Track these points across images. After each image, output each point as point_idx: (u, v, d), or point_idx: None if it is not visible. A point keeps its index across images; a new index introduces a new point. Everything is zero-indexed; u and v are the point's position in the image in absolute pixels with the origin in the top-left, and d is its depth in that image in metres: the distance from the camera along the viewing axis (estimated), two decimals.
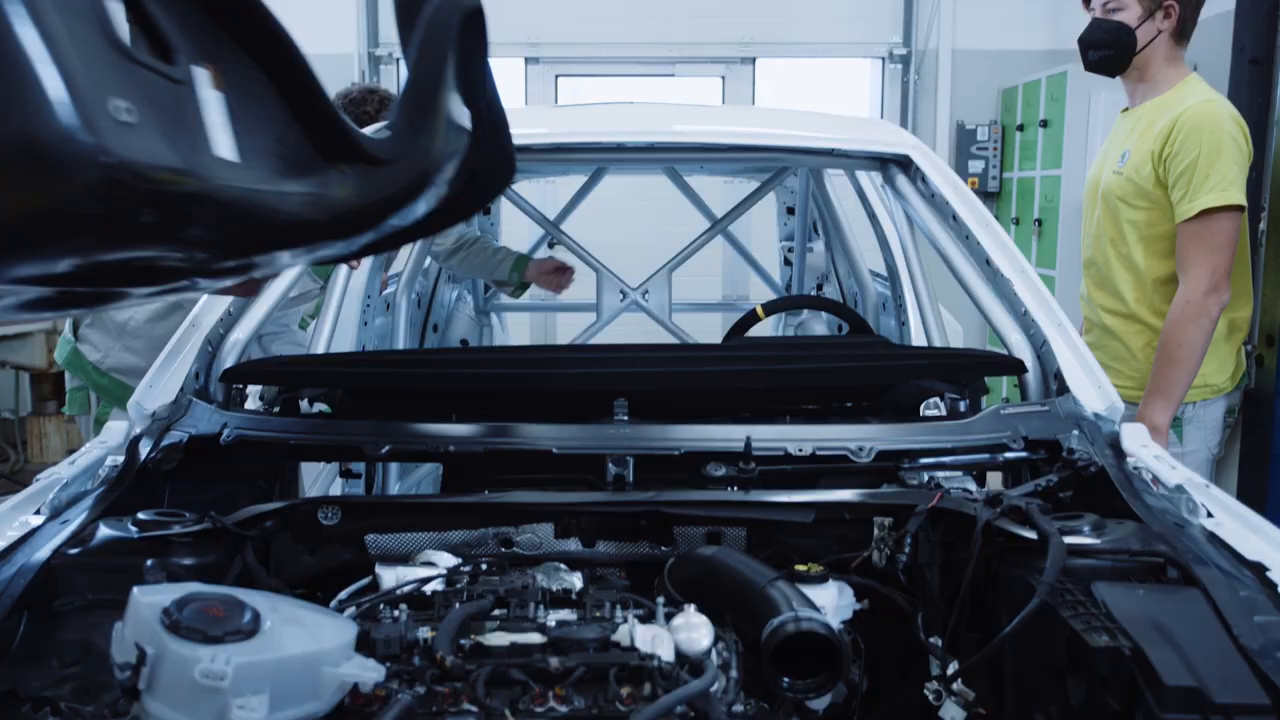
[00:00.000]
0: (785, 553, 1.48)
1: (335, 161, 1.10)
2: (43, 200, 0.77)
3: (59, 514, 1.43)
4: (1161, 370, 2.45)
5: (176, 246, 0.94)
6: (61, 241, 0.83)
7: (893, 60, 6.31)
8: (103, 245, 0.86)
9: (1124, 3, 2.59)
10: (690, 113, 2.87)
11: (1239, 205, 2.42)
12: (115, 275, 0.97)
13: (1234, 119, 2.47)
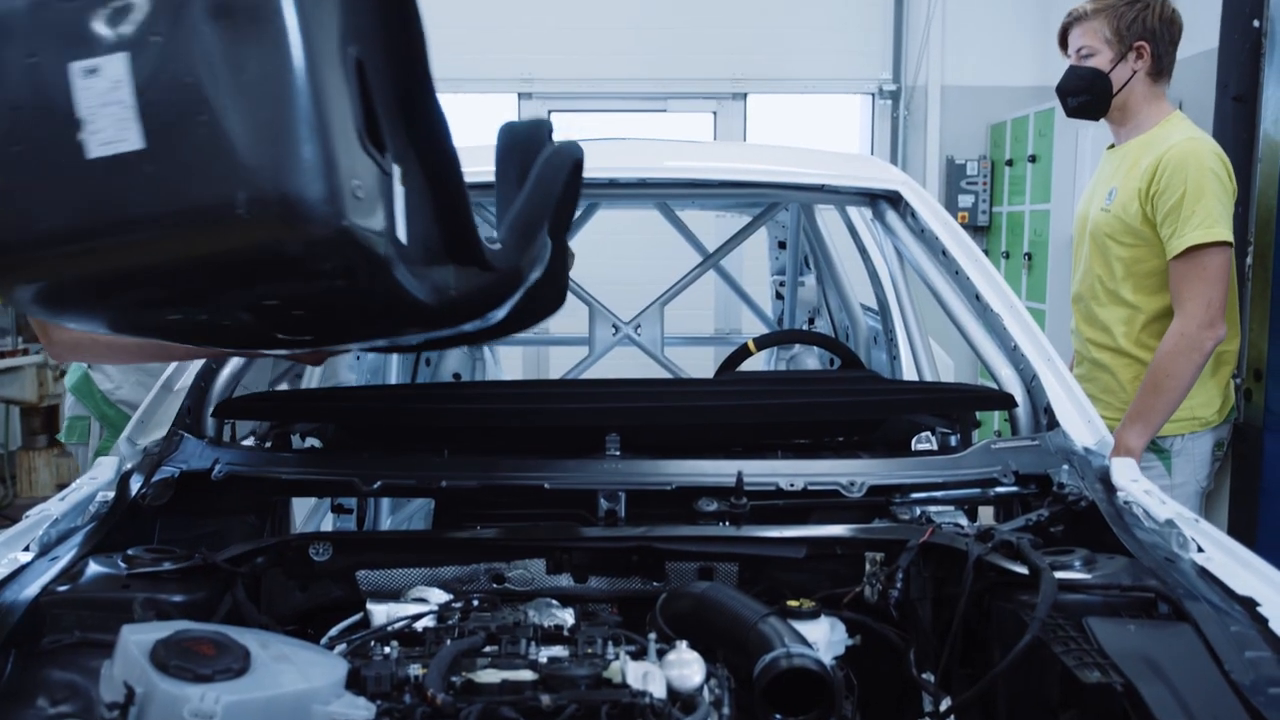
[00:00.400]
0: (777, 588, 1.48)
1: (457, 261, 1.32)
2: (284, 242, 1.01)
3: (48, 551, 1.42)
4: (1145, 397, 2.46)
5: (346, 302, 1.21)
6: (278, 278, 1.10)
7: (882, 96, 6.38)
8: (306, 289, 1.14)
9: (1096, 48, 2.62)
10: (682, 149, 2.90)
11: (1226, 241, 2.44)
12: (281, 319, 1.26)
13: (1217, 156, 2.50)
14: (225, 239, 1.01)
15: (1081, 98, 2.68)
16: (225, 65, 0.98)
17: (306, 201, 0.98)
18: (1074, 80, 2.68)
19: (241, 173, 0.98)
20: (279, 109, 0.98)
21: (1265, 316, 3.00)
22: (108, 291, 1.13)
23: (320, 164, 0.99)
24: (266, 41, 0.97)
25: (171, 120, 0.98)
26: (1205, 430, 2.62)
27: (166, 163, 0.99)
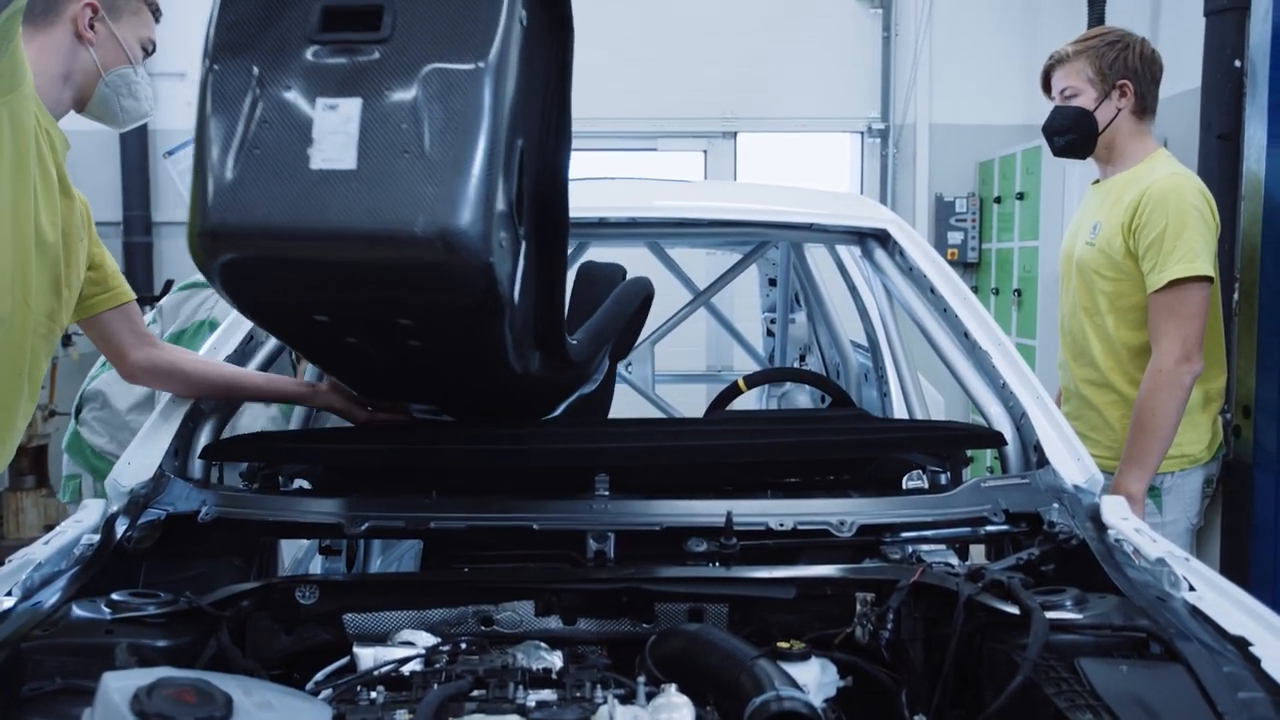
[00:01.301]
0: (767, 629, 1.47)
1: (544, 349, 1.60)
2: (441, 264, 1.30)
3: (31, 595, 1.40)
4: (1135, 439, 2.47)
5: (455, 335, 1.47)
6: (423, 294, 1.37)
7: (871, 134, 6.44)
8: (436, 312, 1.41)
9: (1079, 88, 2.65)
10: (672, 188, 2.91)
11: (1207, 276, 2.46)
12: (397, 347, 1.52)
13: (1200, 192, 2.53)
14: (398, 252, 1.30)
15: (1068, 136, 2.70)
16: (431, 121, 1.31)
17: (468, 235, 1.29)
18: (1060, 120, 2.70)
19: (424, 202, 1.29)
20: (462, 163, 1.30)
21: (1252, 353, 3.00)
22: (284, 280, 1.40)
23: (482, 212, 1.30)
24: (467, 112, 1.31)
25: (380, 153, 1.31)
26: (1195, 467, 2.62)
27: (368, 183, 1.30)
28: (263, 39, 1.37)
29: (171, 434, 1.85)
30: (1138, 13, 5.45)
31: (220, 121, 1.35)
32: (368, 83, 1.34)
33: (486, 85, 1.33)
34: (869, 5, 6.32)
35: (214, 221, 1.34)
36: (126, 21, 1.90)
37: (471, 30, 1.35)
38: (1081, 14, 5.63)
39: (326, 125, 1.32)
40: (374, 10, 1.37)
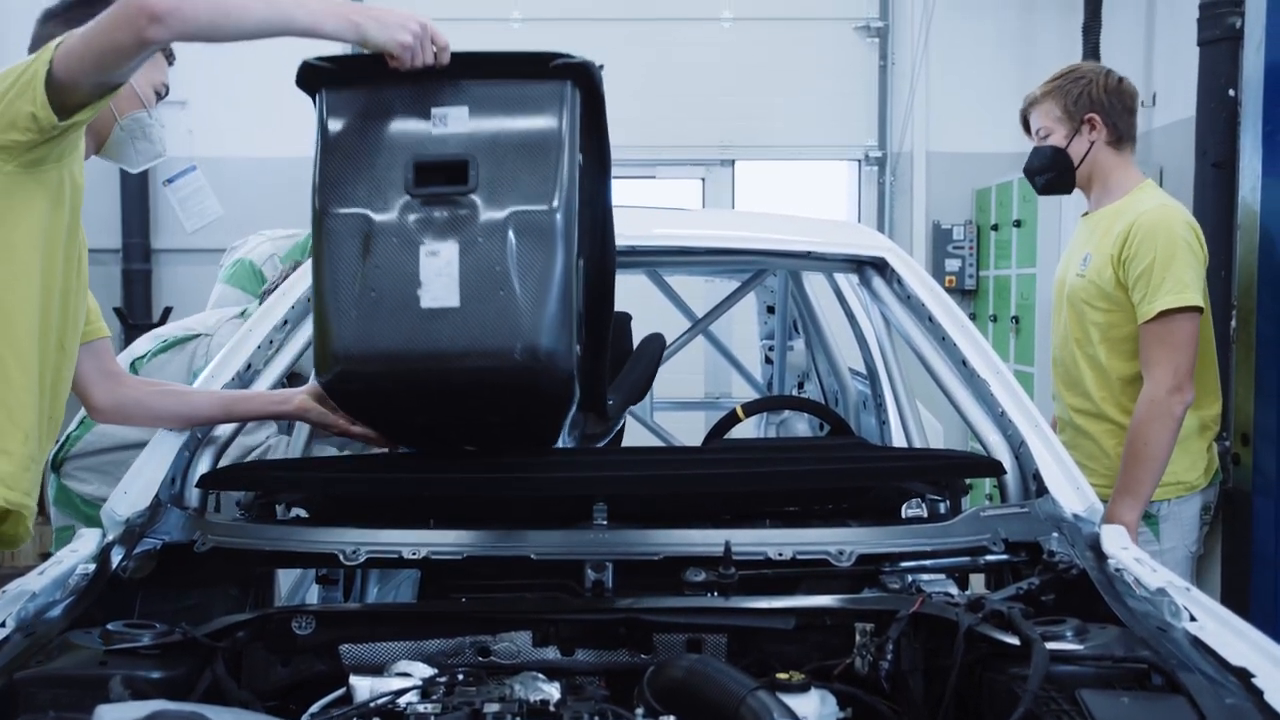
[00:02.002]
0: (766, 660, 1.47)
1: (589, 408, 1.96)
2: (535, 379, 1.58)
3: (25, 626, 1.39)
4: (1129, 469, 2.48)
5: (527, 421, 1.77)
6: (513, 399, 1.64)
7: (869, 162, 6.47)
8: (519, 410, 1.69)
9: (1051, 127, 2.72)
10: (671, 217, 2.92)
11: (1196, 306, 2.48)
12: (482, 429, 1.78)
13: (1188, 224, 2.56)
14: (498, 373, 1.57)
15: (1046, 175, 2.77)
16: (519, 262, 1.57)
17: (556, 355, 1.57)
18: (1037, 160, 2.78)
19: (520, 331, 1.56)
20: (546, 294, 1.57)
21: (1250, 381, 3.01)
22: (398, 397, 1.66)
23: (565, 332, 1.59)
24: (546, 252, 1.58)
25: (479, 291, 1.56)
26: (1192, 494, 2.63)
27: (471, 317, 1.56)
28: (366, 191, 1.61)
29: (168, 463, 1.84)
30: (1132, 43, 5.50)
31: (338, 267, 1.60)
32: (461, 230, 1.58)
33: (558, 223, 1.58)
34: (865, 34, 6.37)
35: (341, 353, 1.59)
36: (141, 68, 1.94)
37: (542, 175, 1.60)
38: (1076, 43, 5.68)
39: (431, 269, 1.58)
40: (460, 164, 1.60)
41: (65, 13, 1.93)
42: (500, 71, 1.68)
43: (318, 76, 1.69)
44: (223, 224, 5.83)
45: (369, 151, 1.64)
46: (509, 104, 1.65)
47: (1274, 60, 3.07)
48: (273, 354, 2.12)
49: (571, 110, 1.66)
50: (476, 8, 6.21)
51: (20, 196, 1.70)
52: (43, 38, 1.89)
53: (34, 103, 1.61)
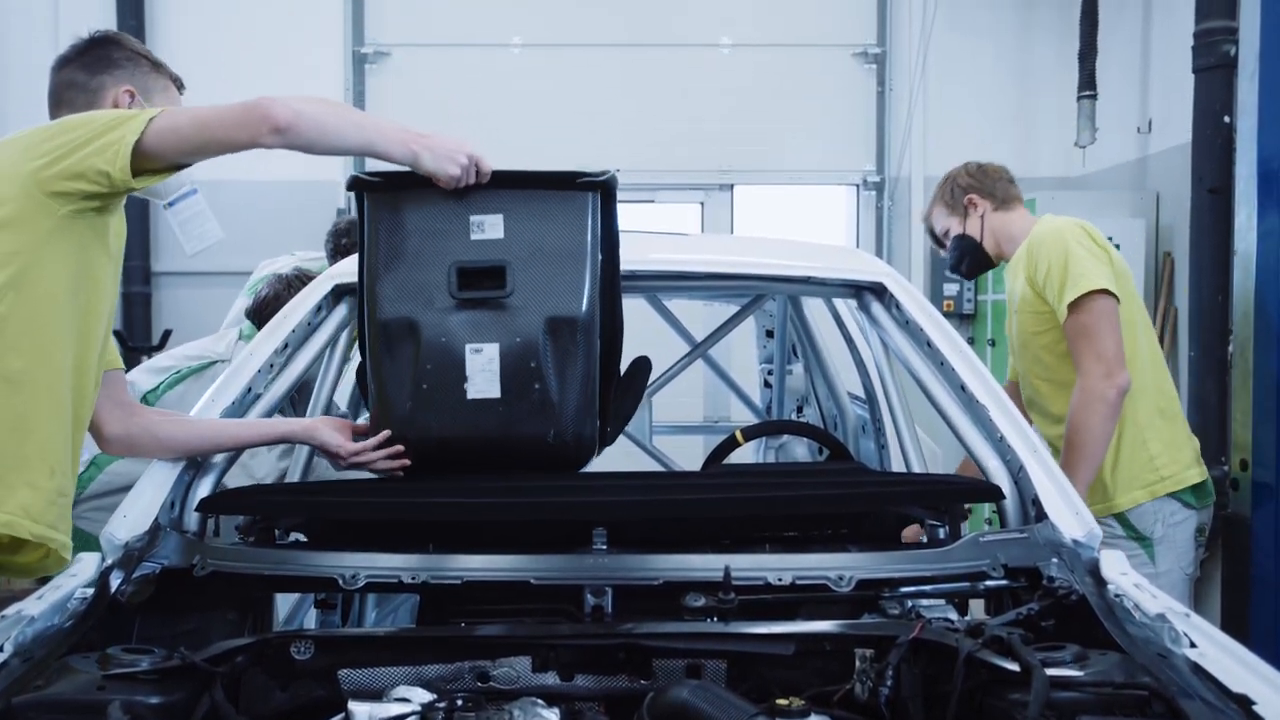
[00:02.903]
0: (766, 685, 1.46)
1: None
2: (568, 460, 1.94)
3: (23, 651, 1.39)
4: (1067, 457, 2.54)
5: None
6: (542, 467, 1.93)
7: (867, 187, 6.50)
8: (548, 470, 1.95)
9: (947, 224, 3.00)
10: (670, 242, 2.93)
11: (1102, 289, 2.56)
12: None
13: (1078, 227, 2.70)
14: (534, 452, 1.89)
15: (965, 262, 3.00)
16: (553, 358, 1.85)
17: (584, 436, 1.92)
18: (952, 254, 3.03)
19: (554, 419, 1.86)
20: (575, 386, 1.87)
21: (1248, 406, 3.02)
22: (444, 464, 1.94)
23: (591, 415, 1.92)
24: (575, 349, 1.86)
25: (518, 384, 1.84)
26: (1187, 516, 2.65)
27: (511, 407, 1.85)
28: (414, 294, 1.85)
29: (168, 487, 1.84)
30: (1128, 69, 5.55)
31: (394, 362, 1.87)
32: (501, 329, 1.83)
33: (585, 324, 1.85)
34: (863, 60, 6.42)
35: (397, 435, 1.89)
36: (157, 101, 2.03)
37: (571, 282, 1.86)
38: (1072, 71, 5.73)
39: (475, 365, 1.84)
40: (499, 270, 1.84)
41: (80, 57, 2.01)
42: (533, 184, 1.90)
43: (365, 185, 1.94)
44: (223, 247, 5.81)
45: (414, 255, 1.85)
46: (541, 213, 1.87)
47: (1268, 88, 3.10)
48: (273, 378, 2.13)
49: (594, 219, 1.89)
50: (478, 33, 6.27)
51: (71, 239, 1.76)
52: (63, 84, 2.00)
53: (113, 164, 1.68)
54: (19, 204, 1.72)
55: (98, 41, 2.05)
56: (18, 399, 1.74)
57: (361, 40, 6.31)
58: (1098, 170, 5.86)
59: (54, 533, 1.77)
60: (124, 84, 2.00)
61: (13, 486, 1.72)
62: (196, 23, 6.07)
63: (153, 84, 2.05)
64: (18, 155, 1.75)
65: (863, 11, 6.42)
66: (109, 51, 2.03)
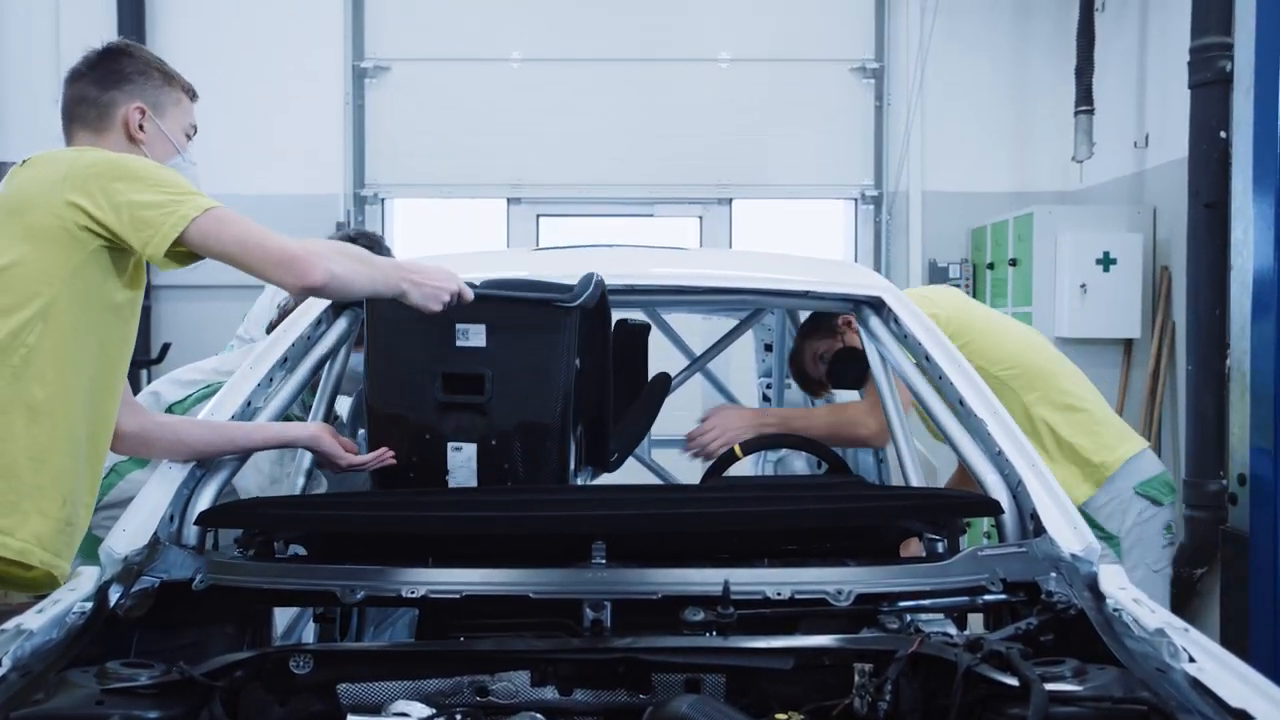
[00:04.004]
0: (765, 700, 1.46)
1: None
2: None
3: (21, 665, 1.39)
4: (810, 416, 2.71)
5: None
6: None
7: (865, 201, 6.51)
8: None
9: (821, 348, 2.94)
10: (669, 256, 2.94)
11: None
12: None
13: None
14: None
15: (852, 370, 2.88)
16: (524, 459, 2.02)
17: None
18: (834, 372, 2.96)
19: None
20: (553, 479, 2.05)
21: (1245, 421, 3.02)
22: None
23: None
24: (546, 449, 2.02)
25: (494, 479, 2.01)
26: (1154, 513, 2.71)
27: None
28: (406, 394, 2.03)
29: (167, 500, 1.84)
30: (1124, 84, 5.57)
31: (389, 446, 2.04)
32: (480, 430, 1.99)
33: (554, 431, 2.00)
34: (861, 75, 6.44)
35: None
36: (170, 114, 2.05)
37: (546, 392, 1.99)
38: (1069, 85, 5.75)
39: (456, 461, 2.01)
40: (478, 378, 1.99)
41: (91, 71, 2.02)
42: (515, 303, 2.02)
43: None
44: None
45: (406, 356, 2.03)
46: (521, 325, 2.01)
47: (1263, 104, 3.11)
48: (272, 392, 2.13)
49: (571, 333, 2.01)
50: (477, 48, 6.29)
51: (96, 270, 1.80)
52: (75, 99, 2.01)
53: (147, 243, 1.76)
54: (53, 234, 1.76)
55: (108, 53, 2.05)
56: (38, 428, 1.77)
57: (361, 54, 6.33)
58: (1095, 185, 5.88)
59: (59, 560, 1.80)
60: (135, 100, 2.00)
61: (27, 514, 1.76)
62: (196, 39, 6.09)
63: (164, 98, 2.04)
64: (57, 182, 1.78)
65: (861, 27, 6.45)
66: (120, 64, 2.03)
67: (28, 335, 1.76)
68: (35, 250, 1.76)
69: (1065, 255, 5.29)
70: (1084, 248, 5.21)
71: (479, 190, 6.44)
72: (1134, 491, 2.69)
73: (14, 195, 1.82)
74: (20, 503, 1.75)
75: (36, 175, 1.83)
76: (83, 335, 1.81)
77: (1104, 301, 5.19)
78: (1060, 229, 5.33)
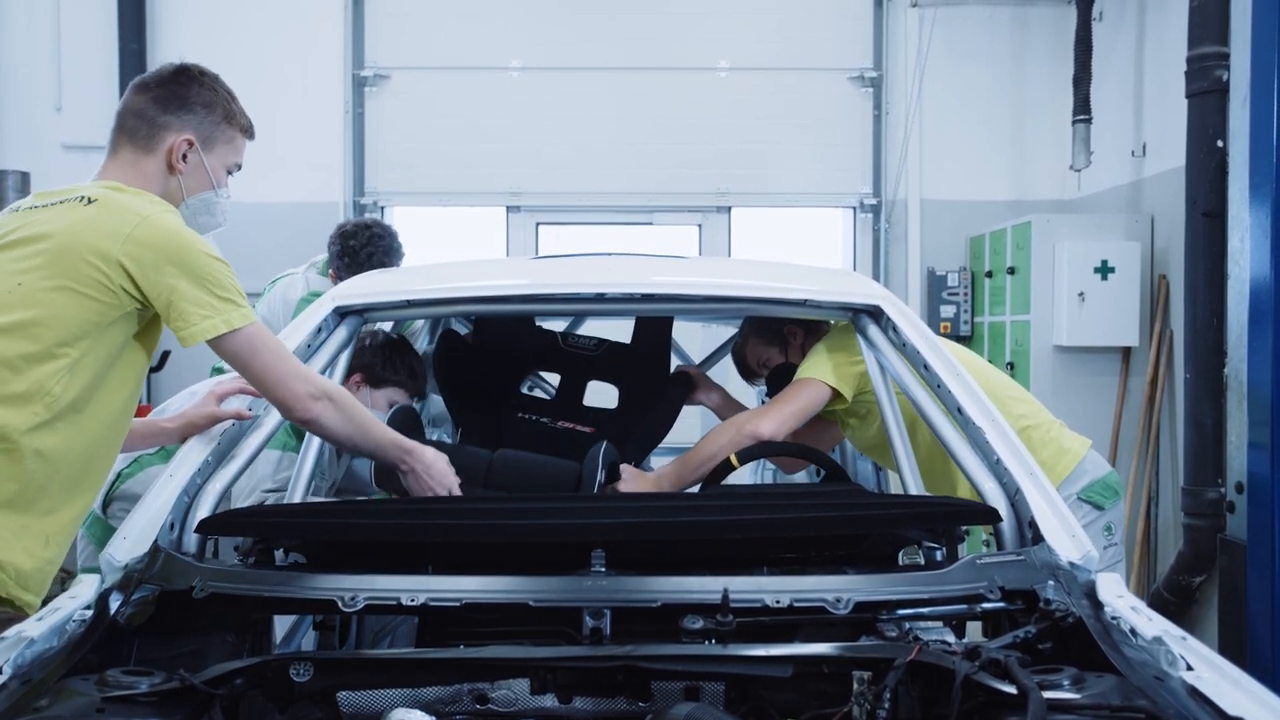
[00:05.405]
0: (764, 708, 1.46)
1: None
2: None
3: (22, 673, 1.39)
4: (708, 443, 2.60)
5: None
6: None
7: (864, 210, 6.53)
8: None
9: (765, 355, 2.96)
10: (668, 265, 2.95)
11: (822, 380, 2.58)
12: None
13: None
14: None
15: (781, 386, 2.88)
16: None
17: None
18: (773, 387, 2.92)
19: None
20: None
21: (1243, 430, 3.03)
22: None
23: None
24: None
25: None
26: (1095, 516, 2.70)
27: None
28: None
29: (168, 508, 1.84)
30: (1122, 94, 5.59)
31: None
32: None
33: None
34: (860, 84, 6.46)
35: None
36: (218, 151, 2.06)
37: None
38: (1067, 94, 5.78)
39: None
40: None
41: (157, 88, 2.02)
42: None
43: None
44: None
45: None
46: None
47: (1260, 113, 3.13)
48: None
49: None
50: (477, 57, 6.31)
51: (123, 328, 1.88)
52: (131, 111, 2.01)
53: (181, 330, 1.85)
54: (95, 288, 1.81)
55: (180, 74, 2.03)
56: (41, 473, 1.81)
57: (361, 63, 6.35)
58: (1093, 193, 5.90)
59: (28, 595, 1.83)
60: (188, 131, 1.99)
61: (13, 551, 1.79)
62: (196, 47, 6.10)
63: (218, 134, 2.04)
64: (113, 237, 1.82)
65: (859, 36, 6.47)
66: (187, 90, 2.02)
67: (54, 385, 1.79)
68: (73, 301, 1.80)
69: (1063, 264, 5.30)
70: (1082, 256, 5.24)
71: (478, 198, 6.46)
72: (1076, 498, 2.70)
73: (64, 233, 1.83)
74: (9, 540, 1.78)
75: (96, 222, 1.84)
76: (103, 389, 1.86)
77: (1102, 310, 5.21)
78: (1058, 237, 5.35)
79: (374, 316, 2.48)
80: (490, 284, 2.54)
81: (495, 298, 2.46)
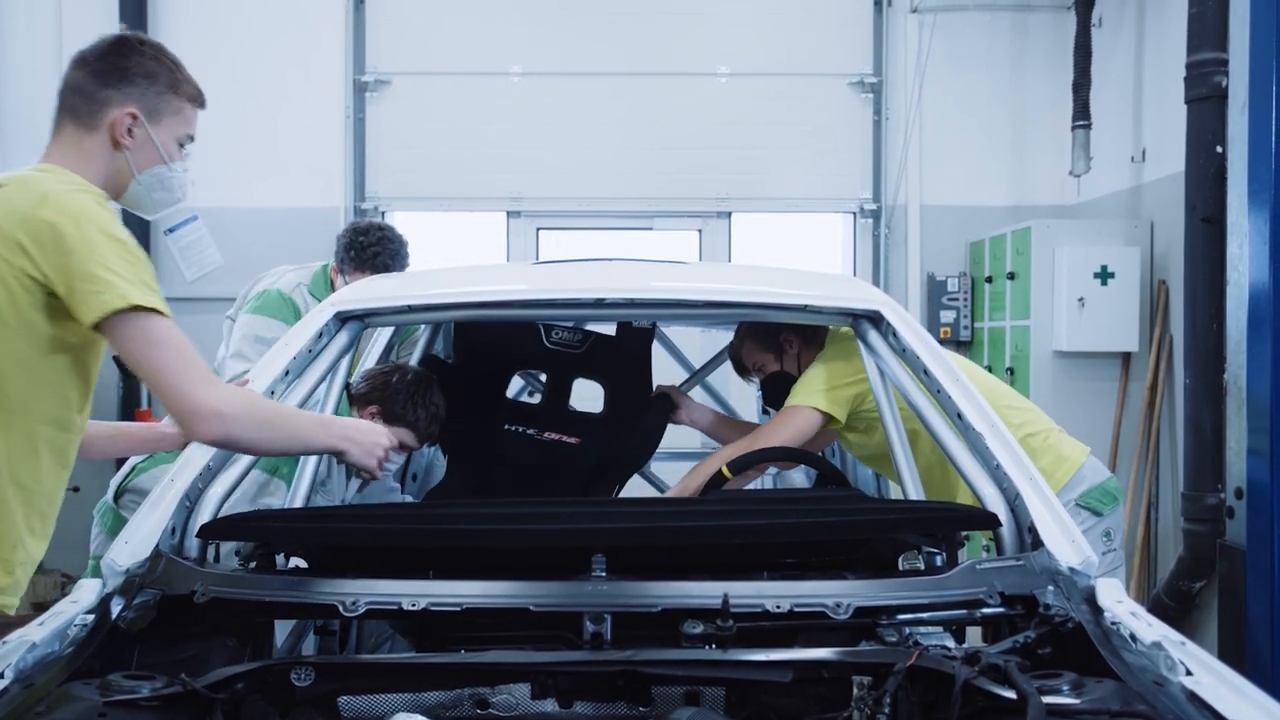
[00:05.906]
0: (764, 713, 1.47)
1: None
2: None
3: (24, 678, 1.39)
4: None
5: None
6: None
7: (864, 215, 6.54)
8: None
9: (760, 360, 2.96)
10: (668, 270, 2.96)
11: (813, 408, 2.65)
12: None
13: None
14: None
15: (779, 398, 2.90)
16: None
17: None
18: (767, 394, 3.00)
19: None
20: None
21: (1242, 436, 3.03)
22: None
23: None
24: None
25: None
26: (1094, 522, 2.71)
27: None
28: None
29: (169, 513, 1.85)
30: (1121, 99, 5.60)
31: None
32: None
33: None
34: (860, 90, 6.47)
35: None
36: (166, 123, 1.96)
37: None
38: (1067, 100, 5.79)
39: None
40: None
41: (95, 61, 1.93)
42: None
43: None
44: (224, 273, 5.86)
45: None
46: None
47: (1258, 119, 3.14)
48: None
49: None
50: (477, 62, 6.32)
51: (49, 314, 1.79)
52: (71, 88, 1.92)
53: (89, 314, 1.72)
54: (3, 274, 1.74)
55: (118, 46, 1.93)
56: None
57: (362, 69, 6.36)
58: (1092, 199, 5.91)
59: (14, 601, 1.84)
60: (130, 104, 1.89)
61: None
62: (197, 51, 6.09)
63: (164, 105, 1.94)
64: (11, 216, 1.75)
65: (859, 41, 6.48)
66: (127, 61, 1.91)
67: None
68: None
69: (1063, 269, 5.31)
70: (1081, 261, 5.24)
71: (479, 203, 6.46)
72: (1075, 504, 2.70)
73: None
74: None
75: (1, 204, 1.77)
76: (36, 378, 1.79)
77: (1102, 315, 5.21)
78: (1058, 243, 5.36)
79: (374, 321, 2.48)
80: (490, 289, 2.55)
81: (495, 303, 2.46)
